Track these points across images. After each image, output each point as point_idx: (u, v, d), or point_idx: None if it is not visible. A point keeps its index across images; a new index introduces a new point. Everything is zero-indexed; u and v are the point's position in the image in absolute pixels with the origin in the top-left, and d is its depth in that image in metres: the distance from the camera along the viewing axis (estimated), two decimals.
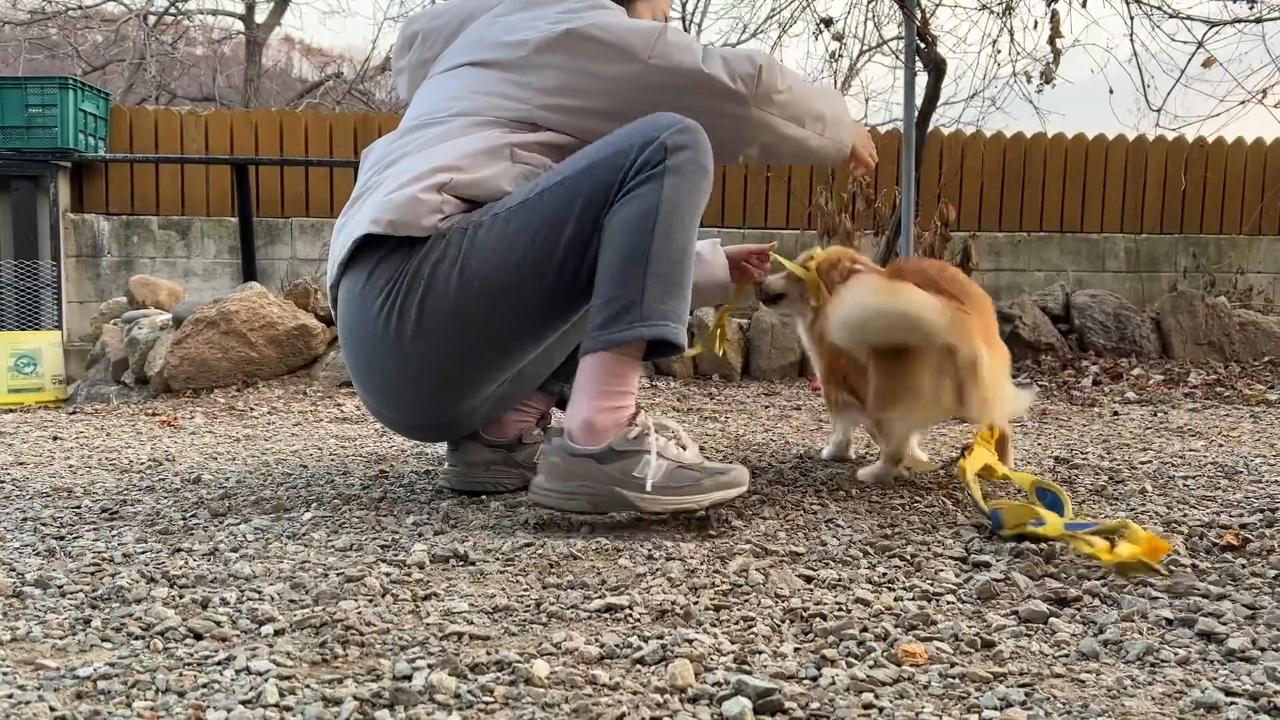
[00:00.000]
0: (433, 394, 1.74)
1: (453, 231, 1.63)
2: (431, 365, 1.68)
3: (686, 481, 1.58)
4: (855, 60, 6.94)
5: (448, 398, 1.75)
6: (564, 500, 1.58)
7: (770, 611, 1.17)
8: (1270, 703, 0.90)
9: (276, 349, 3.98)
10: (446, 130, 1.72)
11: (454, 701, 0.90)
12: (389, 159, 1.75)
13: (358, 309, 1.68)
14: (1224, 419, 3.24)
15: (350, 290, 1.70)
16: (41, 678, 0.94)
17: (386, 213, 1.63)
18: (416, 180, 1.65)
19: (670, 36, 1.71)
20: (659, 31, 1.71)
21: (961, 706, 0.90)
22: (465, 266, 1.61)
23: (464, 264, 1.61)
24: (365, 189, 1.75)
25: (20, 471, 2.21)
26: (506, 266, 1.61)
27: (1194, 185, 7.17)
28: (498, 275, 1.61)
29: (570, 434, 1.58)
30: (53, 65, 13.41)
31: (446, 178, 1.65)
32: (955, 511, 1.71)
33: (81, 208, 6.44)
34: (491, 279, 1.61)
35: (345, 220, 1.75)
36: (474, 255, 1.61)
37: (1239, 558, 1.39)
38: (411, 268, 1.62)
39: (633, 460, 1.55)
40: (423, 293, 1.62)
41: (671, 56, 1.70)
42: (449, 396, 1.75)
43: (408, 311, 1.63)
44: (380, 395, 1.77)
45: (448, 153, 1.68)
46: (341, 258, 1.70)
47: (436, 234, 1.63)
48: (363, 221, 1.66)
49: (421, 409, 1.78)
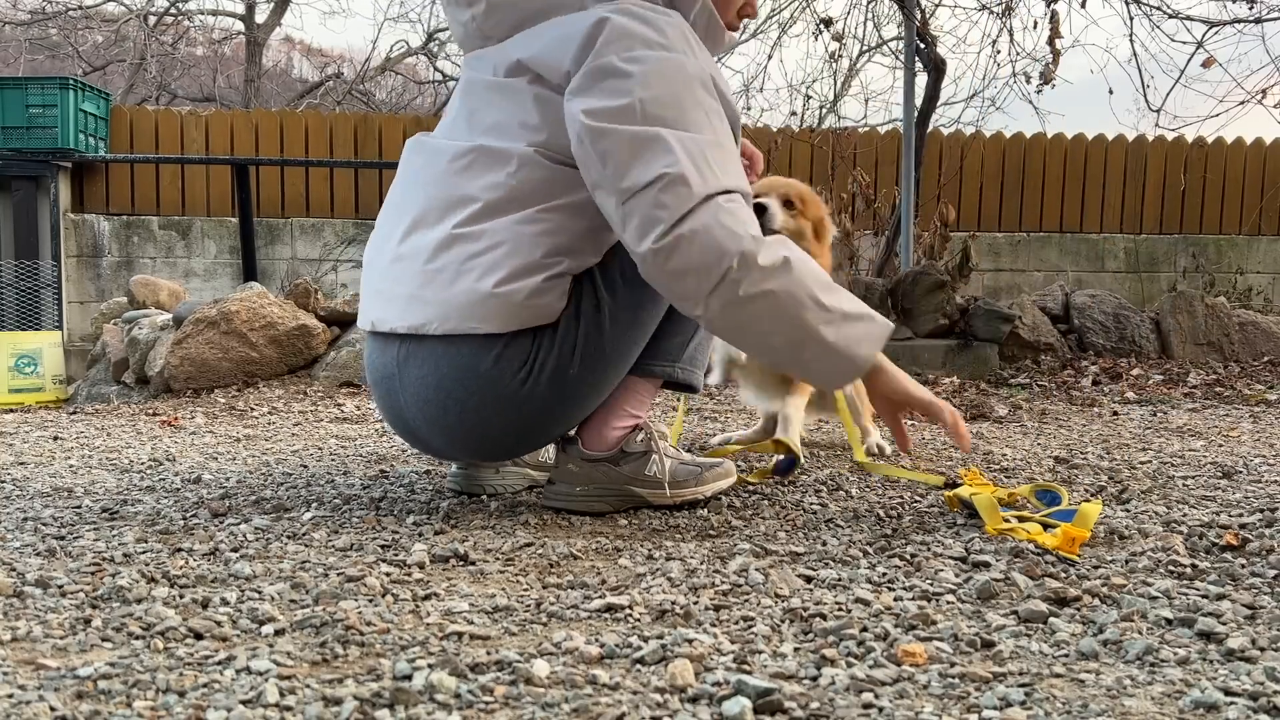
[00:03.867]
0: (553, 428, 1.73)
1: (594, 293, 1.62)
2: (581, 398, 1.67)
3: (690, 476, 1.78)
4: (855, 60, 6.93)
5: (573, 422, 1.75)
6: (583, 503, 1.72)
7: (770, 611, 1.17)
8: (1270, 703, 0.90)
9: (277, 349, 3.98)
10: (529, 182, 1.59)
11: (454, 701, 0.90)
12: (463, 197, 1.61)
13: (479, 376, 1.59)
14: (1223, 419, 3.24)
15: (462, 359, 1.59)
16: (42, 678, 0.94)
17: (514, 315, 1.56)
18: (530, 272, 1.56)
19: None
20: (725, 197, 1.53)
21: (961, 706, 0.90)
22: (616, 316, 1.63)
23: (614, 315, 1.63)
24: (454, 235, 1.59)
25: (21, 471, 2.21)
26: (646, 302, 1.66)
27: (1194, 185, 7.17)
28: (644, 310, 1.67)
29: (584, 441, 1.74)
30: (53, 65, 13.42)
31: (564, 265, 1.58)
32: (955, 512, 1.71)
33: (82, 208, 6.45)
34: (639, 312, 1.66)
35: (423, 262, 1.61)
36: (617, 303, 1.63)
37: (1239, 558, 1.39)
38: (559, 340, 1.59)
39: (642, 461, 1.74)
40: (580, 356, 1.60)
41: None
42: (575, 420, 1.75)
43: (562, 371, 1.60)
44: (467, 439, 1.68)
45: (553, 232, 1.58)
46: (444, 331, 1.59)
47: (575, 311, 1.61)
48: (473, 309, 1.56)
49: (534, 445, 1.79)
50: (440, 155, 1.67)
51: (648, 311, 1.68)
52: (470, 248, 1.57)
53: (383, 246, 1.71)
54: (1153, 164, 7.21)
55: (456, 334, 1.57)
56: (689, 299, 1.52)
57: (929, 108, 5.26)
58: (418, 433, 1.72)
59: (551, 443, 1.80)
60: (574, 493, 1.73)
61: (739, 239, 1.48)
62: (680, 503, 1.76)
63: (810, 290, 1.52)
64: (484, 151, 1.61)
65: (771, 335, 1.54)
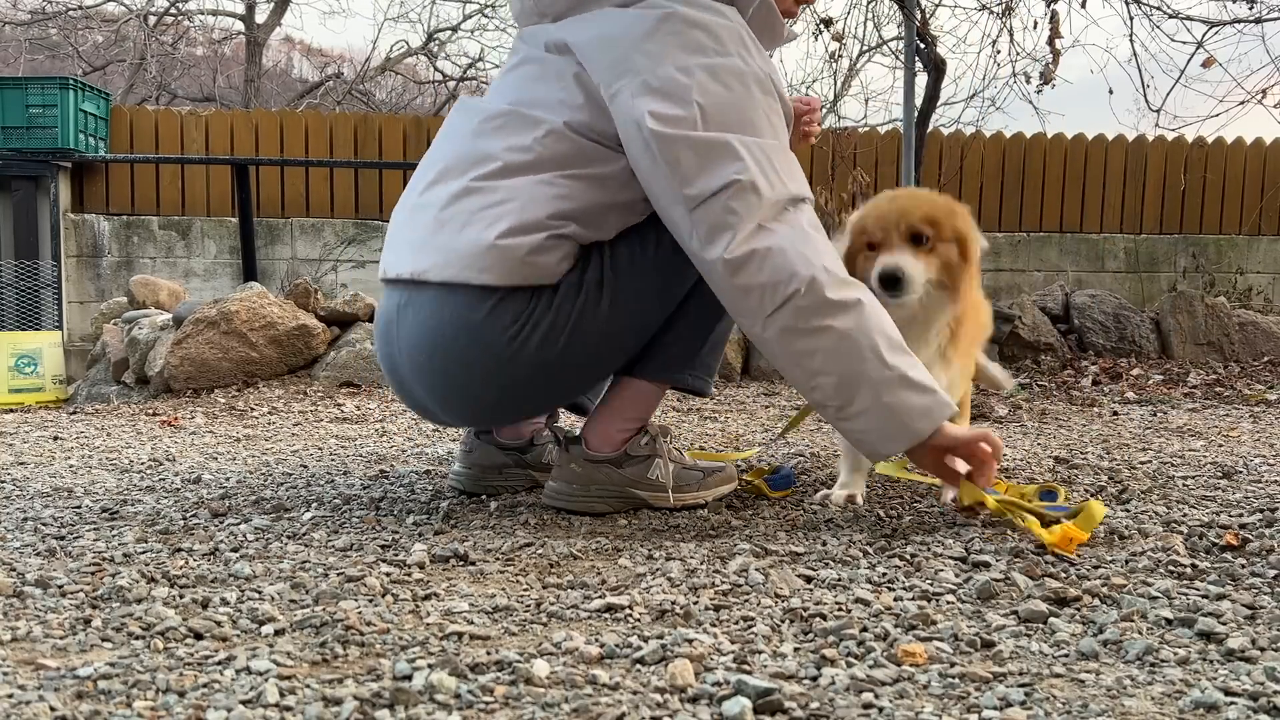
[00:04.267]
0: (534, 399, 1.73)
1: (600, 267, 1.61)
2: (566, 376, 1.67)
3: (692, 480, 1.78)
4: (855, 60, 6.93)
5: (554, 401, 1.77)
6: (583, 503, 1.72)
7: (770, 611, 1.17)
8: (1270, 703, 0.90)
9: (277, 349, 3.98)
10: (552, 150, 1.59)
11: (454, 701, 0.90)
12: (486, 154, 1.61)
13: (469, 328, 1.58)
14: (1223, 419, 3.24)
15: (455, 309, 1.59)
16: (42, 678, 0.94)
17: (513, 269, 1.55)
18: (535, 229, 1.55)
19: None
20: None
21: (961, 706, 0.90)
22: (615, 298, 1.62)
23: (614, 296, 1.62)
24: (469, 187, 1.60)
25: (21, 471, 2.21)
26: (651, 295, 1.65)
27: (1194, 185, 7.17)
28: (648, 302, 1.66)
29: (588, 442, 1.74)
30: (53, 65, 13.40)
31: (570, 229, 1.57)
32: (954, 512, 1.71)
33: (82, 208, 6.45)
34: (643, 304, 1.66)
35: (436, 210, 1.62)
36: (621, 286, 1.61)
37: (1239, 558, 1.39)
38: (555, 304, 1.58)
39: (645, 464, 1.74)
40: (572, 326, 1.59)
41: None
42: (555, 400, 1.77)
43: (553, 339, 1.59)
44: (447, 392, 1.67)
45: (567, 198, 1.57)
46: (443, 278, 1.59)
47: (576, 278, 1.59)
48: (474, 259, 1.55)
49: (510, 414, 1.79)
50: (476, 115, 1.69)
51: (652, 306, 1.67)
52: (483, 200, 1.58)
53: (407, 198, 1.73)
54: (1153, 164, 7.21)
55: (455, 282, 1.57)
56: (750, 315, 1.51)
57: (929, 108, 5.26)
58: (405, 383, 1.72)
59: (529, 419, 1.81)
60: (575, 493, 1.72)
61: (811, 265, 1.46)
62: (681, 506, 1.76)
63: (874, 342, 1.48)
64: (517, 116, 1.63)
65: (823, 374, 1.49)
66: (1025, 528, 1.47)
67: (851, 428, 1.53)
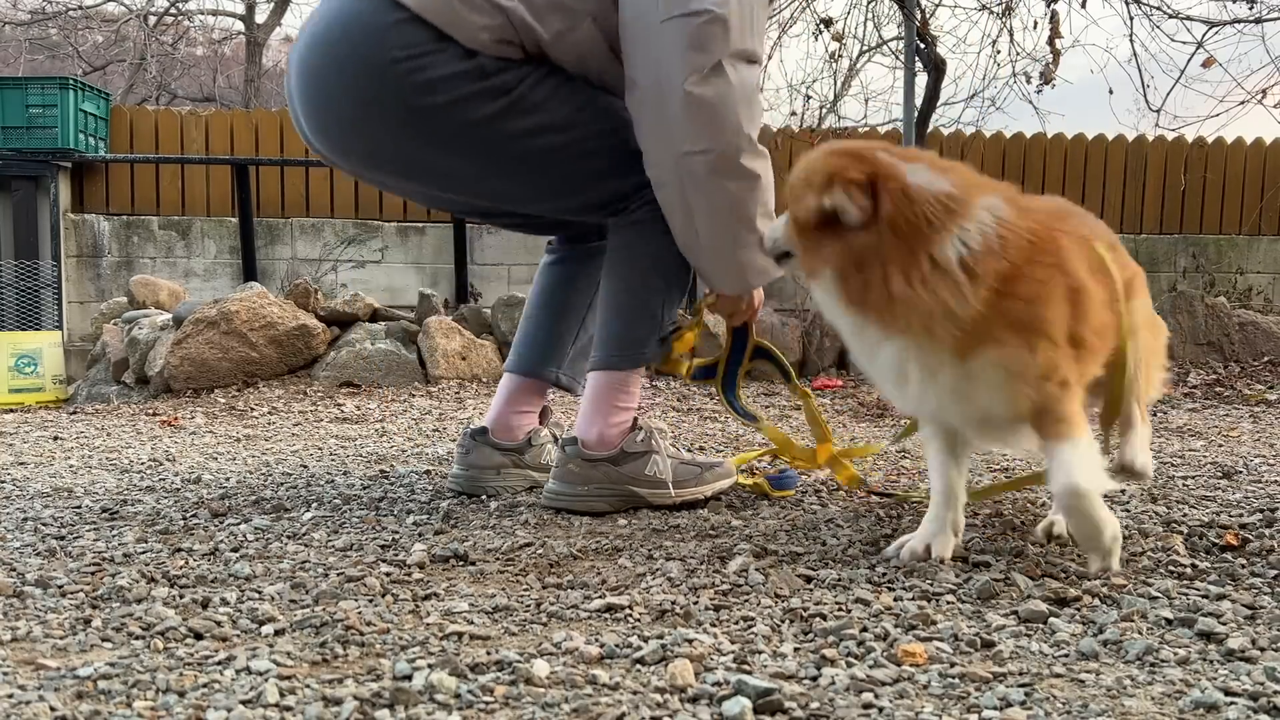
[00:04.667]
0: (413, 174, 1.76)
1: (525, 74, 1.64)
2: (446, 164, 1.70)
3: (691, 475, 1.80)
4: (855, 60, 6.93)
5: (423, 182, 1.77)
6: (583, 503, 1.73)
7: (770, 611, 1.17)
8: (1270, 703, 0.90)
9: (277, 349, 3.98)
10: None
11: (454, 701, 0.90)
12: None
13: (362, 26, 1.60)
14: (1223, 419, 3.23)
15: (364, 4, 1.61)
16: (42, 678, 0.94)
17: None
18: None
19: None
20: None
21: (961, 706, 0.90)
22: (522, 121, 1.65)
23: (522, 119, 1.64)
24: None
25: (21, 471, 2.21)
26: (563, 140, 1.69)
27: (1194, 185, 7.17)
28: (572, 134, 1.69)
29: (583, 442, 1.75)
30: (53, 65, 13.40)
31: (510, 2, 1.60)
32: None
33: (82, 208, 6.45)
34: (561, 136, 1.68)
35: None
36: (533, 109, 1.65)
37: (1239, 558, 1.39)
38: (455, 72, 1.59)
39: (643, 461, 1.75)
40: (460, 113, 1.61)
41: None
42: (425, 181, 1.77)
43: (431, 96, 1.60)
44: (324, 112, 1.69)
45: None
46: None
47: (510, 70, 1.62)
48: None
49: (375, 162, 1.76)
50: None
51: (564, 158, 1.69)
52: None
53: None
54: (1153, 164, 7.20)
55: None
56: (666, 143, 1.61)
57: (929, 108, 5.26)
58: (293, 95, 1.72)
59: (408, 197, 1.89)
60: (574, 493, 1.73)
61: (740, 131, 1.60)
62: (680, 503, 1.76)
63: (753, 212, 1.66)
64: None
65: (700, 216, 1.65)
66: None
67: (699, 261, 1.74)
